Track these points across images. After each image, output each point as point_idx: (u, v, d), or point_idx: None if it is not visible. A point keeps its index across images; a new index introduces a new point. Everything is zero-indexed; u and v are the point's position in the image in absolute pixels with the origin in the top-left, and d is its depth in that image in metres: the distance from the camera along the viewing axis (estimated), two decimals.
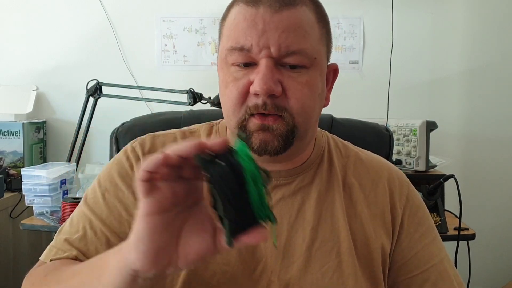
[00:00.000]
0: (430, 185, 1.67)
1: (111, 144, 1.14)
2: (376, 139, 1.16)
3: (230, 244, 0.49)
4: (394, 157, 2.02)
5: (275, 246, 0.74)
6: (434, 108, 2.45)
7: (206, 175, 0.48)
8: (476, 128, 2.48)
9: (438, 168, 2.08)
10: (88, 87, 2.06)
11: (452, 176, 1.61)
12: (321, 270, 0.73)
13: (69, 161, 2.10)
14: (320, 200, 0.77)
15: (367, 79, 2.49)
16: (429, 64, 2.47)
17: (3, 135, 2.25)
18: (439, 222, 1.66)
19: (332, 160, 0.82)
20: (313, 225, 0.76)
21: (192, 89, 1.91)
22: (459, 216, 1.62)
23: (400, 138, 2.04)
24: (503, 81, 2.46)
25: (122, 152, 0.81)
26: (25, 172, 1.82)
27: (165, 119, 1.17)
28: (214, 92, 1.83)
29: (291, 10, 0.68)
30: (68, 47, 2.50)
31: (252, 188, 0.48)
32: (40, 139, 2.41)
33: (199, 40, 2.50)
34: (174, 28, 2.50)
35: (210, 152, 0.48)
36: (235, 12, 0.71)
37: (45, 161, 2.43)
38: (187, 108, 1.30)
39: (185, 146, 0.48)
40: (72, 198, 1.75)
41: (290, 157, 0.76)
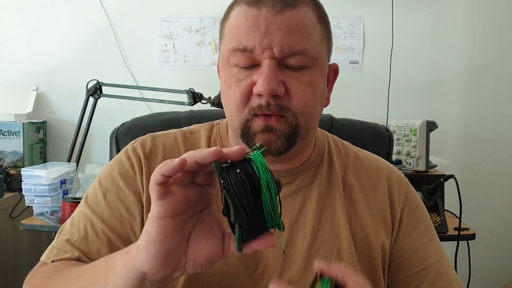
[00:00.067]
0: (430, 185, 1.67)
1: (111, 144, 1.14)
2: (376, 139, 1.16)
3: (239, 250, 0.50)
4: (394, 157, 2.02)
5: (284, 253, 0.74)
6: (434, 108, 2.45)
7: (222, 182, 0.49)
8: (476, 128, 2.48)
9: (438, 168, 2.08)
10: (88, 87, 2.05)
11: (452, 176, 1.61)
12: None
13: (69, 161, 2.10)
14: (320, 199, 0.78)
15: (367, 79, 2.48)
16: (429, 64, 2.47)
17: (3, 135, 2.25)
18: (439, 222, 1.66)
19: (332, 160, 0.82)
20: (313, 224, 0.76)
21: (192, 89, 1.91)
22: (459, 216, 1.62)
23: (400, 138, 2.04)
24: (503, 81, 2.46)
25: (123, 152, 0.81)
26: (25, 172, 1.82)
27: (165, 119, 1.17)
28: (214, 92, 1.83)
29: (293, 11, 0.68)
30: (68, 47, 2.50)
31: (267, 197, 0.49)
32: (40, 139, 2.41)
33: (199, 40, 2.50)
34: (174, 28, 2.49)
35: (227, 160, 0.49)
36: (236, 13, 0.70)
37: (45, 161, 2.43)
38: (187, 108, 1.30)
39: (203, 152, 0.49)
40: (72, 198, 1.75)
41: (292, 157, 0.76)
